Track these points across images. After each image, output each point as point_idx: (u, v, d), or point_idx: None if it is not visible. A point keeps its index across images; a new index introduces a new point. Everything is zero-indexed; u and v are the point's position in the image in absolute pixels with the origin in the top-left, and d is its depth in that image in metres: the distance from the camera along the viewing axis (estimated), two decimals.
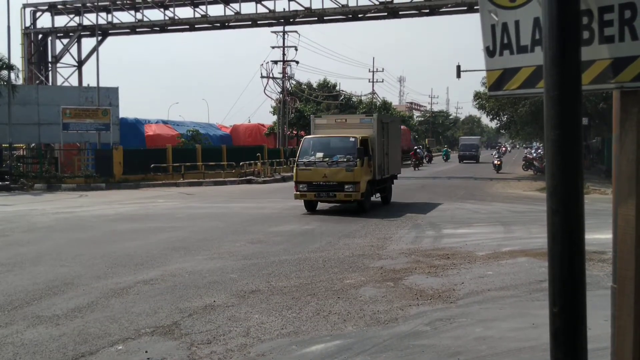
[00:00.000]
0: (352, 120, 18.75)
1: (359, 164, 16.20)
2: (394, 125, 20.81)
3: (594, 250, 9.97)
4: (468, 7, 29.61)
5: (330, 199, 16.75)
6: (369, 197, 17.42)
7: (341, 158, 16.41)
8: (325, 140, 17.43)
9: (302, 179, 16.64)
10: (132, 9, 35.48)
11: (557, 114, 2.03)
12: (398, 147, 21.20)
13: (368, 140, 17.15)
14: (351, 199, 16.45)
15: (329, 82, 57.42)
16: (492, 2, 2.77)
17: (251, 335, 6.41)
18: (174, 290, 8.37)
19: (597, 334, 4.38)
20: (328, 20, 33.60)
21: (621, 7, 2.33)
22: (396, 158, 20.67)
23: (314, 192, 16.60)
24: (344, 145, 16.71)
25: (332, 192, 16.41)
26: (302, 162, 16.80)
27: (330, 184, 16.37)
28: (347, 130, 17.54)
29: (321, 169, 16.42)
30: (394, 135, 20.25)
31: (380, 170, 17.95)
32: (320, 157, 16.68)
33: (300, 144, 17.65)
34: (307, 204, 17.31)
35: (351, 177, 16.13)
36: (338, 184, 16.29)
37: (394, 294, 8.05)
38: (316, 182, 16.47)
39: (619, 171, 2.48)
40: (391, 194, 20.10)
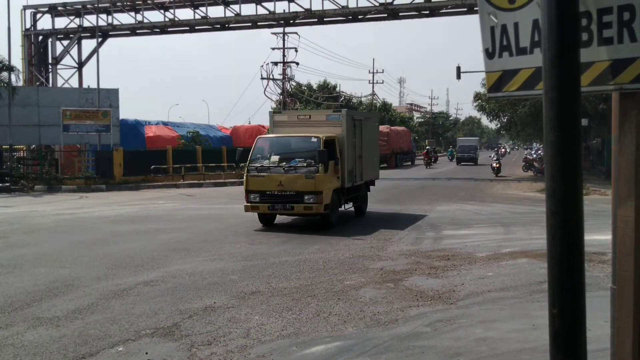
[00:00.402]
0: (317, 116, 15.73)
1: (322, 170, 13.49)
2: (370, 122, 17.69)
3: (594, 251, 9.97)
4: (468, 9, 29.61)
5: (287, 211, 14.01)
6: (336, 209, 14.67)
7: (301, 162, 13.79)
8: (282, 141, 14.88)
9: (254, 188, 13.93)
10: (132, 10, 35.51)
11: (556, 116, 2.04)
12: (375, 148, 18.42)
13: (335, 140, 14.46)
14: (312, 212, 13.70)
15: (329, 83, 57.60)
16: (491, 4, 2.78)
17: (251, 336, 6.41)
18: (174, 291, 8.37)
19: (597, 335, 4.38)
20: (328, 22, 33.63)
21: (620, 8, 2.33)
22: (373, 161, 17.73)
23: (267, 204, 13.81)
24: (305, 147, 14.17)
25: (289, 204, 13.61)
26: (254, 167, 14.04)
27: (286, 194, 13.64)
28: (311, 129, 14.73)
29: (276, 175, 13.71)
30: (370, 135, 17.38)
31: (351, 177, 15.18)
32: (276, 162, 14.02)
33: (253, 145, 14.84)
34: (261, 217, 14.69)
35: (312, 185, 13.39)
36: (296, 194, 13.55)
37: (394, 295, 8.05)
38: (270, 192, 13.76)
39: (618, 173, 2.49)
40: (366, 204, 17.38)
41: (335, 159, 14.26)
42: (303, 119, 15.60)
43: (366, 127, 16.73)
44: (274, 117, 15.89)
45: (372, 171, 17.59)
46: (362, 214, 16.86)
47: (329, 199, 13.85)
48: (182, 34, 36.92)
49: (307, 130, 14.66)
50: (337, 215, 14.82)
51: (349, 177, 14.92)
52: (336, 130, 14.84)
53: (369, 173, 17.20)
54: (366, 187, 17.40)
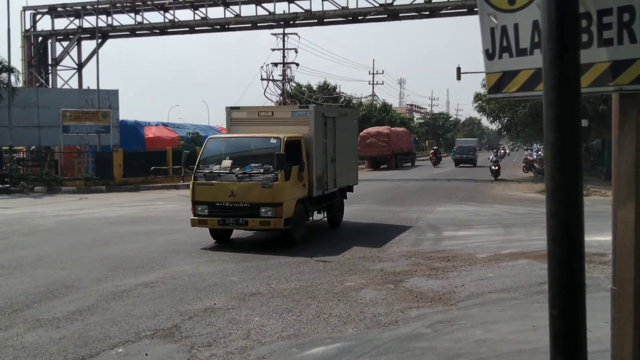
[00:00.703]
0: (281, 113, 13.66)
1: (282, 177, 11.32)
2: (347, 120, 15.35)
3: (594, 252, 9.97)
4: (468, 9, 29.61)
5: (240, 226, 11.80)
6: (301, 223, 12.48)
7: (257, 168, 11.66)
8: (236, 143, 12.82)
9: (202, 198, 11.75)
10: (132, 11, 35.51)
11: (556, 117, 2.04)
12: (353, 149, 16.17)
13: (301, 141, 12.38)
14: (270, 228, 11.59)
15: (329, 84, 57.55)
16: (491, 5, 2.78)
17: (251, 337, 6.41)
18: (174, 293, 8.37)
19: (597, 336, 4.38)
20: (328, 23, 33.63)
21: (620, 10, 2.33)
22: (350, 165, 15.51)
23: (217, 218, 11.62)
24: (262, 150, 12.12)
25: (242, 218, 11.44)
26: (202, 173, 11.86)
27: (240, 206, 11.46)
28: (273, 128, 12.63)
29: (228, 183, 11.52)
30: (347, 134, 15.22)
31: (321, 184, 13.12)
32: (228, 167, 11.84)
33: (202, 146, 12.90)
34: (213, 231, 12.46)
35: (269, 196, 11.26)
36: (251, 206, 11.39)
37: (395, 296, 8.05)
38: (220, 203, 11.58)
39: (618, 174, 2.49)
40: (342, 214, 15.20)
41: (301, 164, 12.07)
42: (265, 117, 13.32)
43: (341, 126, 14.55)
44: (231, 113, 13.56)
45: (348, 176, 15.35)
46: (336, 225, 14.71)
47: (292, 211, 11.70)
48: (182, 35, 36.92)
49: (269, 130, 12.55)
50: (303, 229, 12.58)
51: (318, 185, 12.85)
52: (303, 129, 12.69)
53: (345, 178, 14.98)
54: (342, 195, 15.19)
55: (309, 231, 13.35)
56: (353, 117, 16.48)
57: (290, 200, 11.73)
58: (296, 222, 12.03)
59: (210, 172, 11.84)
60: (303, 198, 12.34)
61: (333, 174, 13.90)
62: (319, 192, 13.01)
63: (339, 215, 15.03)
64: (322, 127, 13.25)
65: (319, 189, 13.00)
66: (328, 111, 14.93)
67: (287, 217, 11.52)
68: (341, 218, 15.14)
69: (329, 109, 15.80)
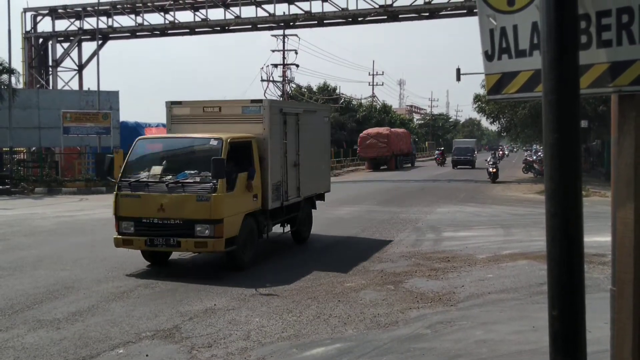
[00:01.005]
0: (230, 109, 11.11)
1: (222, 187, 9.19)
2: (315, 118, 13.22)
3: (594, 253, 9.97)
4: (467, 10, 29.61)
5: (171, 248, 9.65)
6: (251, 243, 10.20)
7: (192, 176, 9.58)
8: (170, 144, 10.90)
9: (127, 213, 9.66)
10: (133, 13, 35.53)
11: (555, 118, 2.04)
12: (324, 151, 14.03)
13: (252, 143, 10.31)
14: (207, 250, 9.54)
15: (329, 85, 57.49)
16: (490, 6, 2.79)
17: (252, 338, 6.42)
18: (174, 293, 8.38)
19: (597, 337, 4.38)
20: (328, 24, 33.64)
21: (619, 11, 2.34)
22: (319, 170, 13.39)
23: (144, 237, 9.48)
24: (201, 154, 10.08)
25: (174, 238, 9.31)
26: (127, 182, 9.72)
27: (170, 223, 9.34)
28: (221, 127, 10.57)
29: (157, 195, 9.44)
30: (316, 134, 13.07)
31: (280, 193, 11.02)
32: (158, 175, 9.78)
33: (130, 149, 10.56)
34: (145, 253, 10.30)
35: (206, 210, 9.18)
36: (184, 223, 9.28)
37: (395, 297, 8.06)
38: (148, 219, 9.45)
39: (617, 175, 2.50)
40: (310, 227, 13.01)
41: (250, 170, 10.06)
42: (211, 113, 11.13)
43: (308, 125, 12.42)
44: (172, 109, 11.43)
45: (317, 183, 13.25)
46: (302, 240, 12.58)
47: (237, 228, 9.61)
48: (182, 36, 36.94)
49: (217, 129, 10.47)
50: (253, 250, 10.25)
51: (275, 195, 10.76)
52: (256, 128, 10.61)
53: (313, 186, 12.86)
54: (310, 205, 13.03)
55: (267, 248, 11.44)
56: (323, 114, 14.24)
57: (235, 215, 9.57)
58: (244, 241, 9.85)
59: (136, 181, 9.68)
60: (254, 211, 10.23)
61: (296, 181, 11.76)
62: (276, 203, 10.85)
63: (306, 229, 12.76)
64: (281, 126, 11.15)
65: (277, 199, 10.88)
66: (288, 107, 12.85)
67: (231, 237, 9.39)
68: (309, 232, 12.91)
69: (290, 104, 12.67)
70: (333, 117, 52.60)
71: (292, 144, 11.66)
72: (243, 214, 9.84)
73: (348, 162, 49.33)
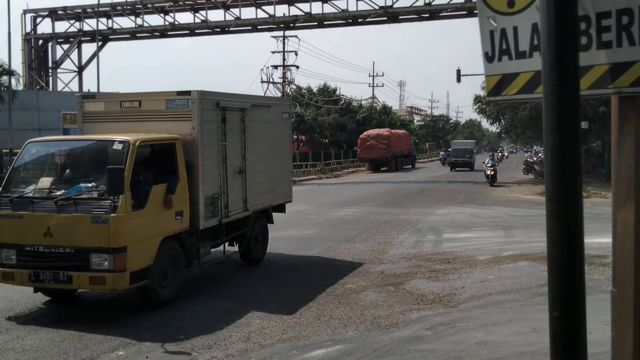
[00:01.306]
0: (152, 103, 8.87)
1: (124, 205, 7.10)
2: (268, 114, 10.92)
3: (595, 254, 9.96)
4: (468, 12, 29.65)
5: (60, 285, 7.29)
6: (175, 274, 8.02)
7: (88, 191, 7.43)
8: (66, 148, 8.80)
9: (7, 238, 7.45)
10: (133, 14, 35.57)
11: (555, 119, 2.04)
12: (283, 155, 11.57)
13: (176, 146, 8.14)
14: (106, 287, 7.31)
15: (329, 86, 57.49)
16: (490, 7, 2.79)
17: (252, 340, 6.41)
18: None
19: (597, 338, 4.38)
20: (328, 25, 33.69)
21: (619, 12, 2.34)
22: (276, 177, 11.13)
23: (28, 270, 7.26)
24: (101, 160, 7.99)
25: (64, 271, 7.12)
26: (8, 198, 7.55)
27: (60, 252, 7.20)
28: (141, 126, 8.52)
29: (43, 215, 7.28)
30: (270, 134, 10.83)
31: (216, 209, 8.83)
32: (46, 188, 7.61)
33: (17, 155, 8.41)
34: None
35: (103, 235, 7.04)
36: (76, 253, 7.14)
37: (395, 298, 8.05)
38: (32, 247, 7.30)
39: (618, 176, 2.49)
40: (265, 245, 10.90)
41: (171, 181, 7.87)
42: (130, 109, 8.94)
43: (258, 122, 10.25)
44: (84, 105, 9.42)
45: (275, 192, 11.05)
46: (254, 261, 10.39)
47: (149, 257, 7.43)
48: (182, 37, 37.00)
49: (134, 128, 8.48)
50: (179, 281, 8.06)
51: (209, 210, 8.64)
52: (183, 127, 8.45)
53: (268, 196, 10.68)
54: (264, 219, 10.87)
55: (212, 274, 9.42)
56: (281, 109, 11.58)
57: (146, 240, 7.42)
58: (163, 273, 7.73)
59: (19, 196, 7.50)
60: (179, 233, 8.04)
61: (241, 191, 9.65)
62: (212, 221, 8.74)
63: (259, 248, 10.65)
64: (218, 124, 9.00)
65: (213, 216, 8.74)
66: (229, 100, 9.52)
67: (140, 268, 7.24)
68: (263, 251, 10.81)
69: (232, 96, 9.69)
70: (333, 118, 52.72)
71: (235, 146, 9.48)
72: (160, 237, 7.57)
73: (348, 163, 49.36)
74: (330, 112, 53.50)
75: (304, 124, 48.95)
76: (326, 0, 31.36)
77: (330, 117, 52.74)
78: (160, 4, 34.46)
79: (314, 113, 50.68)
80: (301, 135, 50.80)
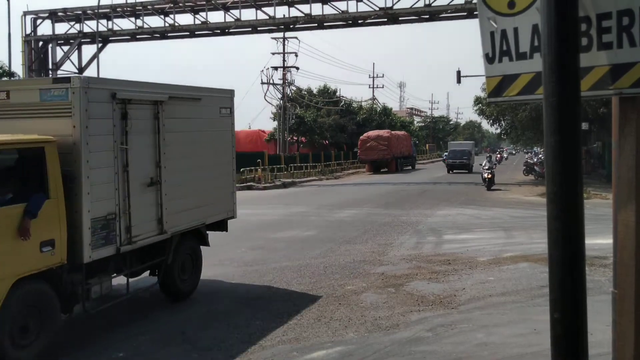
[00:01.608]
0: (23, 95, 6.79)
1: None
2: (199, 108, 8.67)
3: (595, 255, 9.95)
4: (468, 13, 29.64)
5: None
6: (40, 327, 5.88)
7: None
8: None
9: None
10: (132, 15, 35.58)
11: (556, 120, 2.04)
12: (224, 158, 9.33)
13: (45, 150, 6.08)
14: None
15: (329, 88, 57.50)
16: (491, 9, 2.79)
17: (252, 341, 6.41)
18: None
19: (598, 339, 4.37)
20: (328, 27, 33.67)
21: (619, 14, 2.34)
22: (213, 187, 8.91)
23: None
24: None
25: None
26: None
27: None
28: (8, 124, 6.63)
29: None
30: (203, 134, 8.74)
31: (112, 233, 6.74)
32: None
33: None
34: None
35: None
36: None
37: (395, 300, 8.05)
38: None
39: (619, 177, 2.49)
40: (195, 274, 8.67)
41: (33, 200, 5.82)
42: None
43: (181, 119, 8.11)
44: None
45: (209, 207, 8.78)
46: (180, 295, 8.20)
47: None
48: (182, 39, 36.99)
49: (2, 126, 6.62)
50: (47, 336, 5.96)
51: (99, 237, 6.55)
52: (61, 125, 6.45)
53: (197, 212, 8.43)
54: (193, 241, 8.61)
55: None
56: (218, 102, 9.14)
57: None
58: (20, 329, 5.69)
59: None
60: (46, 270, 5.97)
61: (154, 209, 7.49)
62: (105, 250, 6.63)
63: (187, 279, 8.35)
64: (115, 122, 6.92)
65: (106, 243, 6.65)
66: (132, 90, 7.34)
67: None
68: (192, 282, 8.51)
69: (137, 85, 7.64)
70: (333, 119, 52.72)
71: (143, 151, 7.37)
72: (10, 280, 5.52)
73: (348, 164, 49.37)
74: (330, 113, 53.51)
75: (304, 125, 48.94)
76: (326, 2, 31.35)
77: (331, 118, 52.75)
78: (160, 5, 34.46)
79: (314, 114, 50.68)
80: (301, 136, 50.80)
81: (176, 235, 7.97)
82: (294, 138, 49.31)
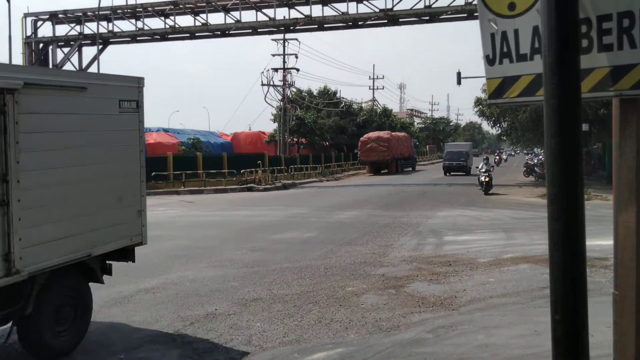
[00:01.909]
0: None
1: None
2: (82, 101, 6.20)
3: (596, 256, 9.95)
4: (468, 14, 29.66)
5: None
6: None
7: None
8: None
9: None
10: (133, 17, 35.61)
11: (556, 122, 2.05)
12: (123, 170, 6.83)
13: None
14: None
15: (329, 89, 57.54)
16: (491, 10, 2.79)
17: (253, 343, 6.41)
18: (175, 298, 8.36)
19: (599, 340, 4.37)
20: (328, 28, 33.69)
21: (619, 15, 2.35)
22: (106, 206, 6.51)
23: None
24: None
25: None
26: None
27: None
28: None
29: None
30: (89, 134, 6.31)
31: None
32: None
33: None
34: None
35: None
36: None
37: (396, 301, 8.04)
38: None
39: (619, 178, 2.50)
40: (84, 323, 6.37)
41: None
42: None
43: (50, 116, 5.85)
44: None
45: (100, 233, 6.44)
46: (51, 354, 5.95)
47: None
48: (183, 40, 37.01)
49: None
50: None
51: None
52: None
53: (79, 241, 6.12)
54: (77, 278, 6.41)
55: None
56: (114, 94, 6.75)
57: None
58: None
59: None
60: None
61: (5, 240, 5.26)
62: None
63: (64, 331, 6.13)
64: None
65: None
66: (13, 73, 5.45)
67: None
68: (77, 335, 6.29)
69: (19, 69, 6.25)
70: (334, 121, 52.74)
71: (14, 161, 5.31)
72: None
73: (348, 166, 49.39)
74: (330, 114, 53.53)
75: (305, 127, 48.98)
76: (326, 3, 31.38)
77: (331, 119, 52.79)
78: (160, 7, 34.49)
79: (314, 116, 50.71)
80: (302, 138, 50.82)
81: (41, 275, 5.75)
82: (294, 139, 49.34)
